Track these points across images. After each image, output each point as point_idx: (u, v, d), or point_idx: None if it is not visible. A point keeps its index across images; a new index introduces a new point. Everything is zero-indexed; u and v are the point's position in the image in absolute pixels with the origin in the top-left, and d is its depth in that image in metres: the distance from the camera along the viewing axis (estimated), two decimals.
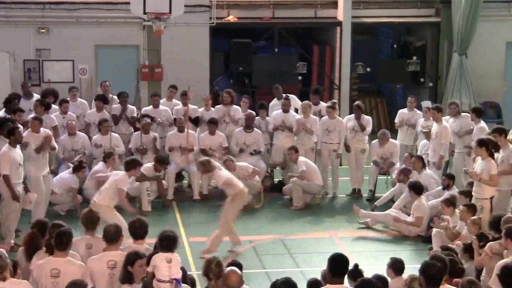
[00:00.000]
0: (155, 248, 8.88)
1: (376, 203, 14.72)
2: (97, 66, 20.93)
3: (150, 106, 16.68)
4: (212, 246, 12.28)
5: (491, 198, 12.34)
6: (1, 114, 14.81)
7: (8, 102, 15.36)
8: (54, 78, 20.55)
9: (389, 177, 15.78)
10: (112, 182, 12.02)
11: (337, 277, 7.44)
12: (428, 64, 22.66)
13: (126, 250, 8.75)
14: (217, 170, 12.48)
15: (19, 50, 20.51)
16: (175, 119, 16.10)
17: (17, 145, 12.55)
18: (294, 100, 17.22)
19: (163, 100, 16.94)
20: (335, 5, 21.85)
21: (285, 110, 16.13)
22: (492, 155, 12.48)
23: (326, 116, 15.89)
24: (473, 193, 12.49)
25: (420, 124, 16.03)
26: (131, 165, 12.28)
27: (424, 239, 13.18)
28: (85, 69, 20.67)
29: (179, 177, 16.25)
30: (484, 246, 9.95)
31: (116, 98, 16.55)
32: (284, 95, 16.76)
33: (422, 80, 22.53)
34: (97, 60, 20.95)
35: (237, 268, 7.77)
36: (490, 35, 21.94)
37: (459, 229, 11.96)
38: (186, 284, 8.91)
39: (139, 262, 8.31)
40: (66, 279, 8.04)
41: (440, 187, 14.08)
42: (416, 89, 22.31)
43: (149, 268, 8.52)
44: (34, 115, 14.33)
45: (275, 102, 17.07)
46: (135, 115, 16.40)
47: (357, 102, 16.60)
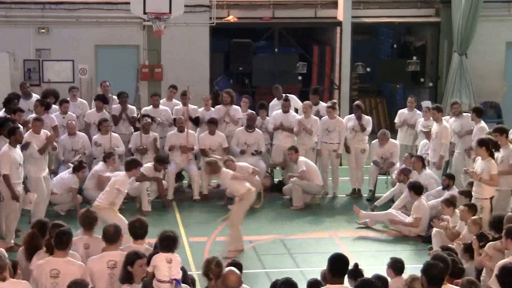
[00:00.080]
0: (155, 248, 8.89)
1: (376, 203, 14.72)
2: (97, 66, 20.93)
3: (150, 106, 16.67)
4: (231, 246, 12.41)
5: (491, 198, 12.33)
6: (1, 114, 14.81)
7: (8, 102, 15.35)
8: (54, 78, 20.56)
9: (389, 177, 15.78)
10: (112, 184, 12.02)
11: (337, 277, 7.44)
12: (428, 64, 22.66)
13: (126, 250, 8.75)
14: (223, 170, 12.48)
15: (19, 50, 20.51)
16: (175, 119, 16.09)
17: (17, 145, 12.56)
18: (294, 100, 17.21)
19: (163, 100, 16.93)
20: (335, 5, 21.85)
21: (285, 110, 16.13)
22: (492, 155, 12.47)
23: (326, 116, 15.89)
24: (473, 193, 12.48)
25: (420, 124, 16.03)
26: (132, 165, 12.28)
27: (424, 239, 13.17)
28: (85, 69, 20.67)
29: (179, 177, 16.25)
30: (484, 246, 9.94)
31: (116, 98, 16.57)
32: (284, 95, 16.74)
33: (422, 80, 22.52)
34: (97, 60, 20.95)
35: (236, 268, 7.77)
36: (490, 35, 21.94)
37: (459, 229, 11.95)
38: (187, 284, 8.92)
39: (139, 262, 8.31)
40: (66, 279, 8.04)
41: (440, 187, 14.08)
42: (416, 89, 22.31)
43: (149, 268, 8.53)
44: (35, 116, 14.32)
45: (275, 102, 17.06)
46: (135, 115, 16.41)
47: (357, 102, 16.60)
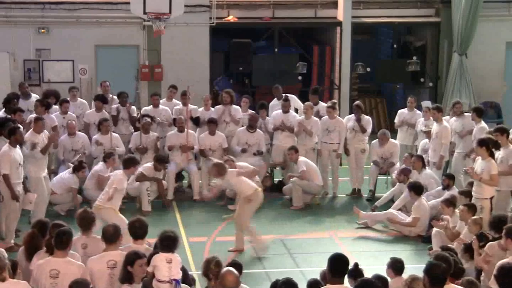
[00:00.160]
0: (155, 248, 8.89)
1: (376, 203, 14.71)
2: (97, 66, 20.92)
3: (150, 106, 16.67)
4: (255, 242, 12.56)
5: (491, 198, 12.33)
6: (1, 115, 14.80)
7: (7, 102, 15.35)
8: (54, 78, 20.56)
9: (389, 177, 15.78)
10: (110, 183, 12.02)
11: (337, 277, 7.43)
12: (428, 64, 22.66)
13: (126, 250, 8.75)
14: (229, 171, 12.50)
15: (19, 50, 20.50)
16: (175, 119, 16.09)
17: (17, 145, 12.55)
18: (294, 100, 17.21)
19: (163, 100, 16.93)
20: (335, 5, 21.85)
21: (285, 111, 16.12)
22: (492, 155, 12.47)
23: (326, 116, 15.88)
24: (473, 193, 12.47)
25: (420, 124, 16.03)
26: (129, 163, 12.26)
27: (424, 239, 13.16)
28: (85, 69, 20.67)
29: (179, 177, 16.24)
30: (484, 246, 9.94)
31: (116, 98, 16.57)
32: (284, 95, 16.73)
33: (422, 80, 22.52)
34: (97, 60, 20.95)
35: (234, 269, 7.73)
36: (490, 35, 21.94)
37: (459, 229, 11.94)
38: (187, 285, 8.92)
39: (139, 262, 8.30)
40: (66, 280, 8.05)
41: (440, 187, 14.08)
42: (416, 89, 22.30)
43: (149, 268, 8.53)
44: (36, 116, 14.31)
45: (275, 102, 17.05)
46: (135, 115, 16.40)
47: (357, 102, 16.58)
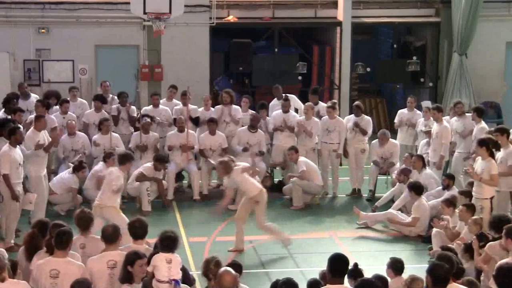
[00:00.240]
0: (156, 248, 8.89)
1: (376, 203, 14.71)
2: (97, 66, 20.92)
3: (150, 106, 16.67)
4: (278, 237, 12.74)
5: (491, 198, 12.33)
6: (1, 115, 14.80)
7: (7, 102, 15.35)
8: (54, 78, 20.55)
9: (389, 177, 15.77)
10: (107, 182, 11.98)
11: (337, 277, 7.43)
12: (428, 64, 22.66)
13: (126, 250, 8.75)
14: (234, 169, 12.51)
15: (19, 50, 20.50)
16: (175, 119, 16.09)
17: (17, 145, 12.55)
18: (294, 100, 17.21)
19: (163, 100, 16.92)
20: (335, 5, 21.85)
21: (285, 111, 16.12)
22: (492, 155, 12.47)
23: (326, 116, 15.88)
24: (473, 193, 12.47)
25: (420, 124, 16.03)
26: (125, 159, 12.19)
27: (424, 239, 13.16)
28: (85, 69, 20.67)
29: (179, 177, 16.24)
30: (484, 246, 9.94)
31: (116, 98, 16.56)
32: (284, 95, 16.74)
33: (422, 80, 22.52)
34: (97, 60, 20.94)
35: (231, 269, 7.71)
36: (490, 35, 21.94)
37: (459, 229, 11.95)
38: (188, 285, 8.91)
39: (139, 262, 8.30)
40: (66, 280, 8.06)
41: (440, 187, 14.07)
42: (416, 89, 22.31)
43: (149, 268, 8.53)
44: (37, 114, 14.32)
45: (275, 102, 17.04)
46: (135, 115, 16.40)
47: (357, 102, 16.57)
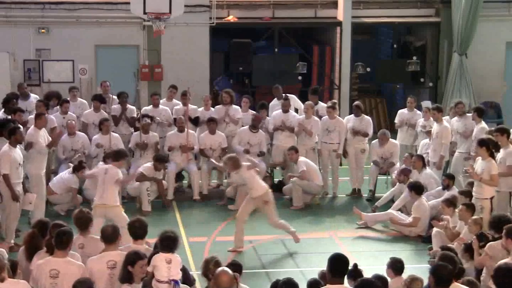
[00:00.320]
0: (156, 248, 8.89)
1: (376, 203, 14.71)
2: (97, 66, 20.92)
3: (150, 106, 16.67)
4: (293, 233, 12.84)
5: (491, 198, 12.33)
6: (1, 115, 14.79)
7: (7, 102, 15.35)
8: (54, 78, 20.55)
9: (389, 177, 15.78)
10: (109, 181, 11.89)
11: (337, 277, 7.42)
12: (428, 64, 22.66)
13: (126, 250, 8.74)
14: (244, 165, 12.54)
15: (19, 50, 20.49)
16: (175, 119, 16.09)
17: (18, 145, 12.56)
18: (294, 100, 17.22)
19: (163, 100, 16.92)
20: (335, 5, 21.85)
21: (285, 110, 16.12)
22: (492, 155, 12.47)
23: (326, 116, 15.89)
24: (473, 193, 12.47)
25: (420, 124, 16.03)
26: (120, 156, 12.13)
27: (424, 239, 13.16)
28: (85, 69, 20.67)
29: (179, 177, 16.24)
30: (484, 246, 9.93)
31: (116, 98, 16.56)
32: (284, 95, 16.75)
33: (422, 80, 22.52)
34: (97, 60, 20.94)
35: (229, 269, 7.67)
36: (490, 35, 21.94)
37: (459, 229, 11.95)
38: (188, 285, 8.91)
39: (140, 263, 8.27)
40: (65, 280, 8.06)
41: (440, 187, 14.07)
42: (416, 89, 22.31)
43: (149, 268, 8.53)
44: (38, 112, 14.34)
45: (275, 102, 17.05)
46: (135, 115, 16.40)
47: (357, 102, 16.57)
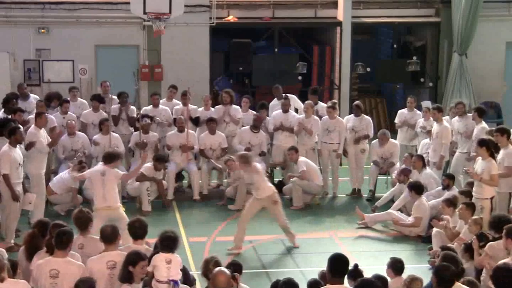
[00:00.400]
0: (156, 248, 8.89)
1: (376, 203, 14.71)
2: (97, 66, 20.92)
3: (150, 106, 16.67)
4: (293, 239, 12.96)
5: (492, 198, 12.33)
6: (1, 115, 14.79)
7: (6, 102, 15.35)
8: (54, 78, 20.55)
9: (389, 177, 15.78)
10: (111, 182, 11.80)
11: (337, 277, 7.42)
12: (428, 64, 22.66)
13: (126, 250, 8.74)
14: (254, 164, 12.58)
15: (19, 50, 20.49)
16: (175, 119, 16.09)
17: (18, 145, 12.56)
18: (294, 100, 17.22)
19: (163, 100, 16.92)
20: (335, 5, 21.84)
21: (285, 110, 16.12)
22: (492, 155, 12.47)
23: (326, 116, 15.89)
24: (473, 193, 12.47)
25: (420, 124, 16.02)
26: (112, 158, 12.03)
27: (424, 239, 13.16)
28: (85, 69, 20.67)
29: (179, 177, 16.24)
30: (484, 246, 9.93)
31: (116, 98, 16.56)
32: (284, 95, 16.76)
33: (422, 80, 22.52)
34: (97, 60, 20.94)
35: (225, 269, 7.65)
36: (490, 35, 21.94)
37: (459, 229, 11.94)
38: (188, 285, 8.91)
39: (141, 263, 8.26)
40: (65, 280, 8.07)
41: (440, 187, 14.07)
42: (416, 89, 22.31)
43: (149, 268, 8.53)
44: (38, 111, 14.34)
45: (275, 102, 17.04)
46: (135, 115, 16.39)
47: (357, 102, 16.56)
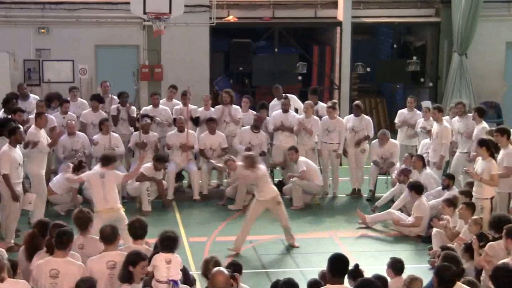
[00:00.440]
0: (156, 248, 8.89)
1: (376, 203, 14.71)
2: (97, 66, 20.92)
3: (150, 106, 16.67)
4: (293, 240, 12.96)
5: (492, 198, 12.33)
6: (1, 115, 14.79)
7: (6, 102, 15.35)
8: (54, 78, 20.55)
9: (389, 177, 15.78)
10: (110, 184, 11.70)
11: (337, 277, 7.42)
12: (428, 64, 22.66)
13: (126, 250, 8.74)
14: (259, 167, 12.60)
15: (19, 50, 20.49)
16: (175, 119, 16.09)
17: (17, 144, 12.56)
18: (294, 100, 17.22)
19: (163, 100, 16.92)
20: (335, 5, 21.85)
21: (285, 110, 16.12)
22: (492, 155, 12.47)
23: (326, 116, 15.89)
24: (473, 193, 12.47)
25: (420, 125, 16.02)
26: (108, 160, 11.91)
27: (424, 239, 13.16)
28: (85, 69, 20.67)
29: (179, 177, 16.23)
30: (484, 246, 9.93)
31: (116, 98, 16.56)
32: (284, 95, 16.76)
33: (422, 80, 22.53)
34: (97, 60, 20.94)
35: (224, 269, 7.63)
36: (490, 35, 21.94)
37: (459, 228, 11.95)
38: (188, 285, 8.90)
39: (141, 263, 8.26)
40: (65, 280, 8.07)
41: (440, 187, 14.07)
42: (416, 89, 22.31)
43: (149, 268, 8.53)
44: (38, 111, 14.34)
45: (275, 102, 17.04)
46: (134, 115, 16.39)
47: (357, 102, 16.56)
